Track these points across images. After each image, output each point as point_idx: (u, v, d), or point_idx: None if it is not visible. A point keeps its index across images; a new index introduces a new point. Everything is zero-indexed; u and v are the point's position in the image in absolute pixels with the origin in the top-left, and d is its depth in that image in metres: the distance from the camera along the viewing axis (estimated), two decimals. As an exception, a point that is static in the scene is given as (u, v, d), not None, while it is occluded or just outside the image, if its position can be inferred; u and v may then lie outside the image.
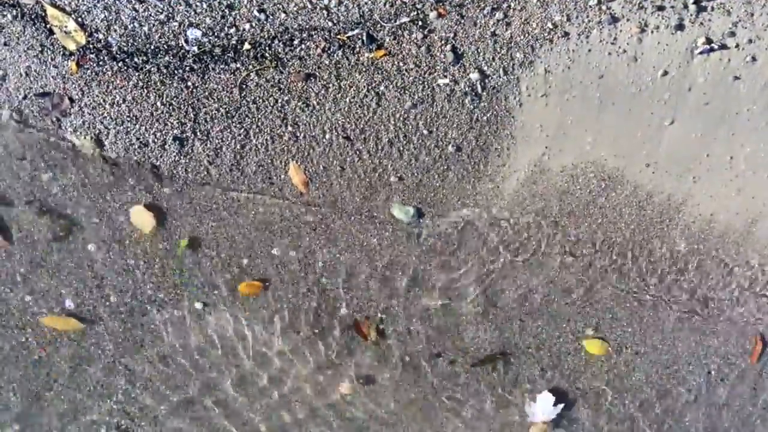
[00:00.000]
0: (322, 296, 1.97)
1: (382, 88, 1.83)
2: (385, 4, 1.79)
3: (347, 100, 1.84)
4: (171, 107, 1.82)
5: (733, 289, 1.98)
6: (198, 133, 1.84)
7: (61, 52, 1.78)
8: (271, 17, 1.79)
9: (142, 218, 1.90)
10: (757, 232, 1.94)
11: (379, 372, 2.02)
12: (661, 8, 1.76)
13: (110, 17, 1.78)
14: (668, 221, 1.93)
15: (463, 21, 1.79)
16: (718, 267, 1.97)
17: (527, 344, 2.03)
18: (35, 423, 2.00)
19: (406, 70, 1.82)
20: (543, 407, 2.06)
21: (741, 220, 1.92)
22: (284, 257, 1.95)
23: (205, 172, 1.87)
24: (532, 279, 1.97)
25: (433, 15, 1.79)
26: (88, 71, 1.79)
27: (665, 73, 1.80)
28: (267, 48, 1.81)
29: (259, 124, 1.84)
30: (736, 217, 1.92)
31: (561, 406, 2.05)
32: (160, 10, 1.78)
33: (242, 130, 1.84)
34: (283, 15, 1.79)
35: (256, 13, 1.79)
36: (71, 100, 1.81)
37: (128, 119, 1.83)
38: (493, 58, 1.81)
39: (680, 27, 1.77)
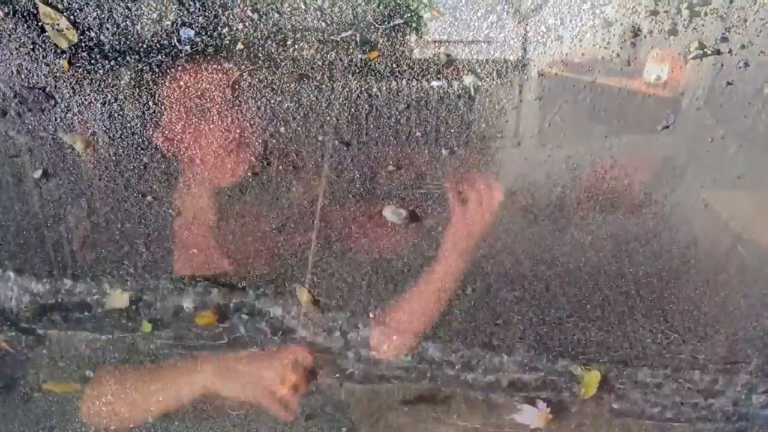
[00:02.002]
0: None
1: (375, 90, 1.83)
2: (378, 6, 1.79)
3: (340, 101, 1.83)
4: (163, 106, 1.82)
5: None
6: (190, 133, 1.84)
7: (53, 50, 1.77)
8: (264, 17, 1.79)
9: None
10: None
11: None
12: (654, 13, 1.76)
13: (102, 15, 1.77)
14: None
15: (457, 23, 1.79)
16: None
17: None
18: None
19: (399, 72, 1.82)
20: None
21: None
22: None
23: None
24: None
25: (427, 17, 1.79)
26: (80, 69, 1.79)
27: (658, 77, 1.80)
28: (260, 48, 1.80)
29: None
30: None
31: None
32: (153, 9, 1.77)
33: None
34: (276, 15, 1.79)
35: (249, 13, 1.78)
36: (63, 98, 1.81)
37: (119, 118, 1.82)
38: (487, 61, 1.81)
39: (673, 32, 1.77)
